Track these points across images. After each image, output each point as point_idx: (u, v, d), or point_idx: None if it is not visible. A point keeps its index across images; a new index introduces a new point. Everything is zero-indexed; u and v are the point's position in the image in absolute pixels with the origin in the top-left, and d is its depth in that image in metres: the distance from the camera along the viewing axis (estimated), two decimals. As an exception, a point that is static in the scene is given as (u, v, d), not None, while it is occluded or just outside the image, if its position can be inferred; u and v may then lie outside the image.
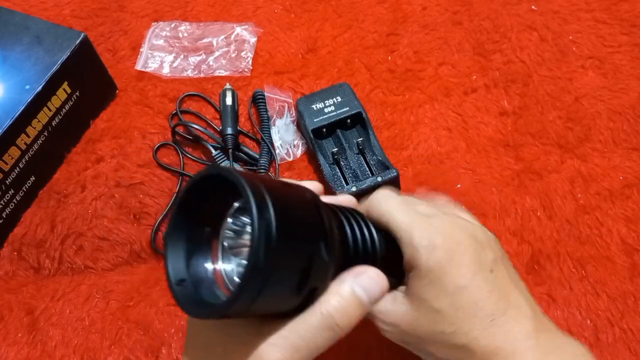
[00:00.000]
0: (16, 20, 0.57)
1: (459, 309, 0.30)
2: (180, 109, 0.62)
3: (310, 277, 0.25)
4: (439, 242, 0.31)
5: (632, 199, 0.56)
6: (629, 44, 0.66)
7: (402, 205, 0.33)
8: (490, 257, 0.32)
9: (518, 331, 0.30)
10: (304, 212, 0.26)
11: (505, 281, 0.32)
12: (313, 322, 0.27)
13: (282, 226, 0.23)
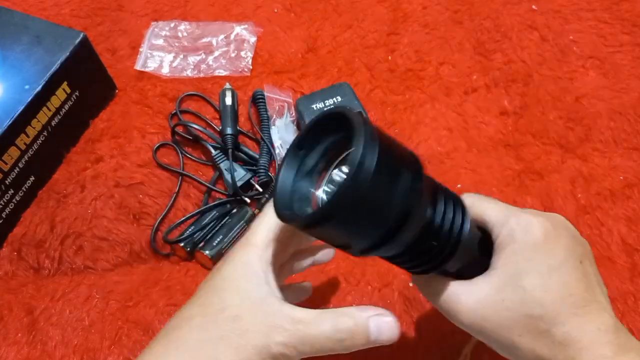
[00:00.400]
0: (16, 20, 0.57)
1: (549, 291, 0.30)
2: (180, 109, 0.62)
3: (393, 220, 0.27)
4: (537, 223, 0.31)
5: (632, 198, 0.56)
6: (630, 43, 0.66)
7: (496, 203, 0.34)
8: (580, 250, 0.33)
9: (600, 323, 0.30)
10: (405, 161, 0.27)
11: (591, 276, 0.32)
12: (324, 327, 0.30)
13: (383, 159, 0.25)
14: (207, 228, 0.52)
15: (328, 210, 0.25)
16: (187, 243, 0.52)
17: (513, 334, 0.31)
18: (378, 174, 0.25)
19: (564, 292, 0.30)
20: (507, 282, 0.31)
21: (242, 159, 0.58)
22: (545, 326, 0.30)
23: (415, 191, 0.27)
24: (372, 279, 0.52)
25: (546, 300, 0.30)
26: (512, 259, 0.31)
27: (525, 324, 0.30)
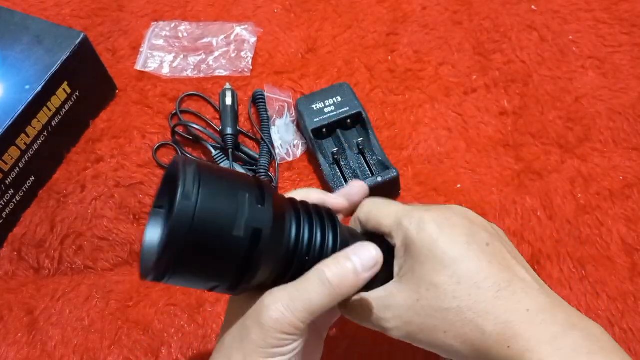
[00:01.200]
0: (16, 20, 0.57)
1: (459, 281, 0.29)
2: (180, 109, 0.62)
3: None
4: (428, 218, 0.31)
5: (632, 198, 0.56)
6: (629, 43, 0.66)
7: (388, 207, 0.34)
8: (484, 234, 0.31)
9: (529, 303, 0.28)
10: (240, 190, 0.28)
11: (504, 255, 0.31)
12: (312, 280, 0.29)
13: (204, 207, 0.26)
14: (207, 228, 0.52)
15: (161, 263, 0.26)
16: (187, 243, 0.52)
17: (438, 332, 0.30)
18: (201, 216, 0.26)
19: (477, 277, 0.29)
20: (417, 285, 0.31)
21: (242, 159, 0.58)
22: (468, 317, 0.29)
23: (259, 216, 0.28)
24: (372, 279, 0.52)
25: (459, 290, 0.29)
26: (415, 260, 0.31)
27: (446, 319, 0.30)
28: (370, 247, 0.30)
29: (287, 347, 0.29)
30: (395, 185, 0.55)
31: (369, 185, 0.53)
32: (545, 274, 0.52)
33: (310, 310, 0.29)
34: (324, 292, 0.29)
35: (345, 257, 0.30)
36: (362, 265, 0.29)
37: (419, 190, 0.57)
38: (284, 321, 0.29)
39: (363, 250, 0.30)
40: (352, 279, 0.29)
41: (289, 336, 0.29)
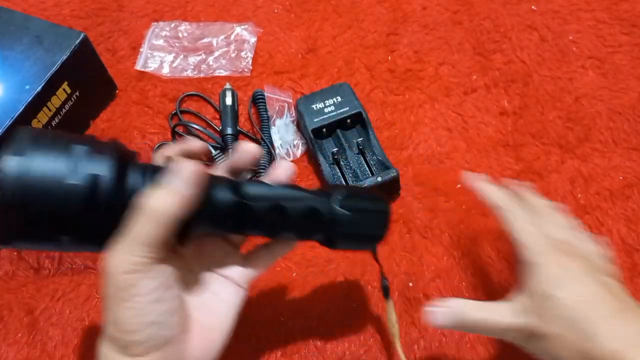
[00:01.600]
0: (16, 20, 0.57)
1: (581, 298, 0.34)
2: (180, 109, 0.62)
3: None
4: (563, 275, 0.36)
5: (632, 199, 0.56)
6: (629, 43, 0.66)
7: (525, 228, 0.39)
8: (604, 278, 0.36)
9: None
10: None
11: (622, 294, 0.36)
12: (135, 216, 0.30)
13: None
14: (207, 228, 0.53)
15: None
16: (187, 243, 0.52)
17: (555, 340, 0.34)
18: (30, 168, 0.27)
19: (596, 298, 0.34)
20: (541, 295, 0.35)
21: (242, 159, 0.58)
22: (583, 327, 0.32)
23: (97, 164, 0.29)
24: (372, 279, 0.52)
25: (579, 305, 0.34)
26: (542, 279, 0.36)
27: (563, 325, 0.33)
28: (185, 163, 0.31)
29: (138, 288, 0.30)
30: (395, 185, 0.55)
31: (369, 186, 0.53)
32: (545, 274, 0.52)
33: (140, 242, 0.29)
34: (145, 220, 0.29)
35: (163, 182, 0.31)
36: (179, 182, 0.30)
37: (419, 190, 0.57)
38: (121, 261, 0.29)
39: (178, 168, 0.31)
40: (171, 197, 0.30)
41: (132, 275, 0.29)
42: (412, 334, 0.49)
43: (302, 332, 0.49)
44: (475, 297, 0.51)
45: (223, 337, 0.35)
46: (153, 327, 0.30)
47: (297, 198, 0.36)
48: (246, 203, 0.34)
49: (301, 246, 0.54)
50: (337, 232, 0.38)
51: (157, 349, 0.31)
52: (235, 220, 0.35)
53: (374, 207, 0.39)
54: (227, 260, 0.38)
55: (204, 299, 0.36)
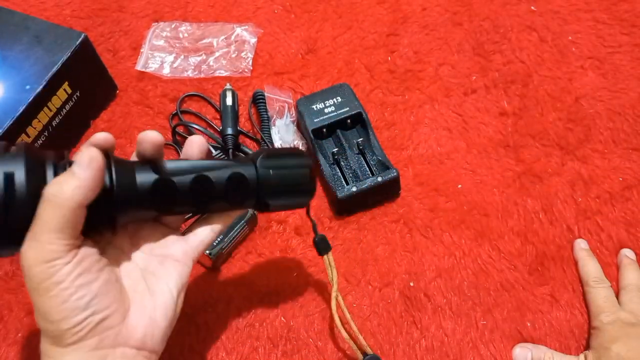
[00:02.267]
0: (16, 20, 0.57)
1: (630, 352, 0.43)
2: (181, 109, 0.62)
3: None
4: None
5: (632, 200, 0.56)
6: (629, 44, 0.66)
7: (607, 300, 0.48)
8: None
9: None
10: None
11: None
12: (40, 203, 0.31)
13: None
14: (207, 228, 0.52)
15: None
16: (187, 243, 0.52)
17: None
18: None
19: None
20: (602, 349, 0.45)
21: (243, 159, 0.58)
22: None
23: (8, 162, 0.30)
24: (373, 279, 0.52)
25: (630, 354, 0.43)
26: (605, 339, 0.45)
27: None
28: (84, 150, 0.32)
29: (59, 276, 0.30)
30: (396, 185, 0.55)
31: (369, 186, 0.53)
32: (549, 275, 0.52)
33: (49, 229, 0.30)
34: (50, 206, 0.30)
35: (66, 171, 0.32)
36: (78, 167, 0.31)
37: (419, 191, 0.57)
38: (36, 252, 0.30)
39: (78, 156, 0.31)
40: (71, 182, 0.31)
41: (50, 264, 0.30)
42: (413, 334, 0.49)
43: (303, 331, 0.49)
44: (475, 297, 0.51)
45: (167, 316, 0.36)
46: (81, 313, 0.31)
47: (219, 167, 0.37)
48: (169, 179, 0.35)
49: (301, 246, 0.54)
50: (265, 194, 0.38)
51: (92, 335, 0.31)
52: (162, 199, 0.35)
53: (295, 163, 0.40)
54: (165, 241, 0.38)
55: (144, 282, 0.36)
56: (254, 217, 0.54)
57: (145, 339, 0.34)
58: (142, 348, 0.34)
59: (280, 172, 0.39)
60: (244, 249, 0.54)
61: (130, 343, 0.33)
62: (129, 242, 0.37)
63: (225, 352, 0.48)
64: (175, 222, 0.40)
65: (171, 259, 0.37)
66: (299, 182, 0.40)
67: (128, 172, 0.34)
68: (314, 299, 0.51)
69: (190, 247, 0.38)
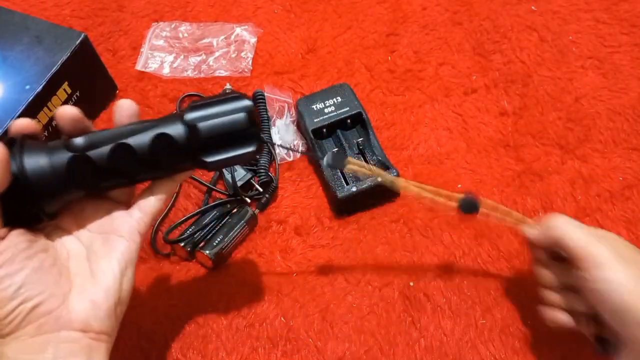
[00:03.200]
0: (16, 20, 0.57)
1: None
2: (181, 109, 0.62)
3: None
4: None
5: (632, 200, 0.56)
6: (629, 44, 0.66)
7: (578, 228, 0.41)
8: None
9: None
10: None
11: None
12: None
13: None
14: (207, 228, 0.53)
15: None
16: (187, 243, 0.52)
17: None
18: None
19: None
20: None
21: (243, 159, 0.58)
22: None
23: None
24: (373, 279, 0.52)
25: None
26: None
27: None
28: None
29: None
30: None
31: (369, 186, 0.53)
32: (546, 274, 0.52)
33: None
34: None
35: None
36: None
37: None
38: None
39: None
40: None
41: None
42: (412, 334, 0.49)
43: (303, 331, 0.49)
44: (475, 296, 0.51)
45: (110, 296, 0.35)
46: (9, 303, 0.31)
47: (140, 130, 0.34)
48: (83, 155, 0.33)
49: (301, 246, 0.54)
50: (198, 150, 0.34)
51: (27, 322, 0.31)
52: (81, 177, 0.33)
53: (229, 109, 0.35)
54: (111, 217, 0.37)
55: (87, 263, 0.35)
56: (254, 217, 0.54)
57: (88, 321, 0.33)
58: (87, 330, 0.33)
59: (210, 123, 0.34)
60: (244, 249, 0.54)
61: (74, 326, 0.33)
62: (74, 222, 0.37)
63: (225, 352, 0.48)
64: (122, 196, 0.38)
65: (115, 235, 0.36)
66: (236, 129, 0.35)
67: (40, 156, 0.32)
68: (314, 299, 0.51)
69: (136, 220, 0.37)
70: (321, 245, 0.54)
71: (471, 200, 0.43)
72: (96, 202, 0.37)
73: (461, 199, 0.43)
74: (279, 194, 0.57)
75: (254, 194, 0.55)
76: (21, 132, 0.34)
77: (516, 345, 0.49)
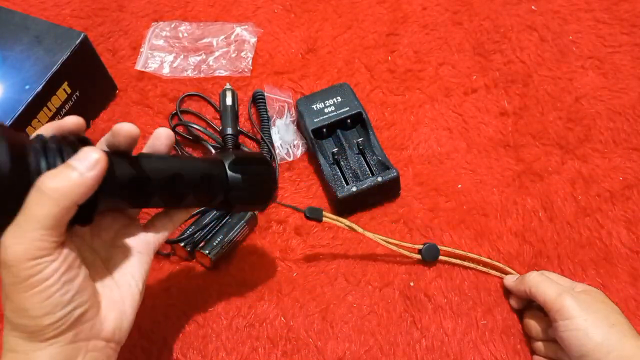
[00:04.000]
0: (16, 20, 0.57)
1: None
2: (180, 109, 0.62)
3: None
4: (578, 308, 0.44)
5: (632, 199, 0.56)
6: (629, 43, 0.66)
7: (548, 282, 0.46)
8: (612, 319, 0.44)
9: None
10: None
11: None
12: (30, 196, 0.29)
13: None
14: (207, 228, 0.52)
15: None
16: (187, 243, 0.52)
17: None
18: None
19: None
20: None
21: (243, 159, 0.58)
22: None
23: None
24: (373, 279, 0.52)
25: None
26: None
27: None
28: (89, 150, 0.30)
29: (45, 274, 0.29)
30: (396, 185, 0.55)
31: (369, 185, 0.53)
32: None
33: (41, 224, 0.29)
34: (45, 201, 0.29)
35: (65, 165, 0.30)
36: (83, 166, 0.30)
37: (419, 191, 0.57)
38: (23, 247, 0.29)
39: (82, 154, 0.30)
40: (75, 179, 0.29)
41: (38, 261, 0.29)
42: (413, 334, 0.49)
43: (303, 331, 0.49)
44: (475, 297, 0.51)
45: (133, 306, 0.36)
46: (64, 308, 0.31)
47: (192, 166, 0.38)
48: (146, 176, 0.35)
49: (301, 246, 0.54)
50: (232, 196, 0.40)
51: (71, 328, 0.31)
52: (138, 194, 0.35)
53: (262, 170, 0.42)
54: (126, 231, 0.38)
55: (109, 273, 0.36)
56: (254, 217, 0.54)
57: (115, 330, 0.34)
58: (111, 340, 0.34)
59: (248, 178, 0.40)
60: (244, 249, 0.54)
61: (102, 335, 0.33)
62: (91, 232, 0.37)
63: (225, 352, 0.48)
64: (134, 211, 0.40)
65: (134, 250, 0.37)
66: (263, 189, 0.42)
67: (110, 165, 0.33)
68: (314, 299, 0.51)
69: (152, 238, 0.38)
70: (321, 245, 0.54)
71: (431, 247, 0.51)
72: (112, 215, 0.38)
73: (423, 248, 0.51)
74: (279, 194, 0.57)
75: (254, 194, 0.55)
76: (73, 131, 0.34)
77: (517, 346, 0.49)
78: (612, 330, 0.42)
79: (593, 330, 0.42)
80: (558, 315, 0.43)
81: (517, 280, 0.49)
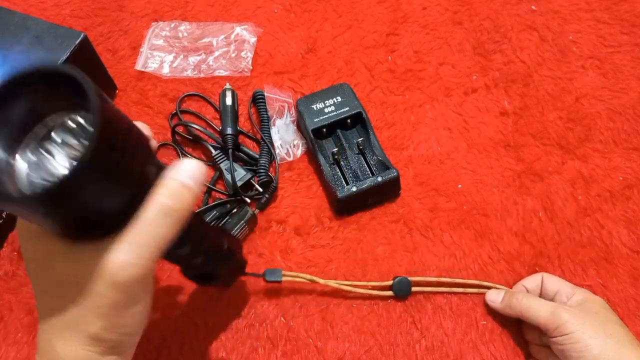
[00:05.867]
0: (16, 20, 0.56)
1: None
2: (180, 109, 0.62)
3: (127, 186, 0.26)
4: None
5: (632, 199, 0.56)
6: (629, 43, 0.66)
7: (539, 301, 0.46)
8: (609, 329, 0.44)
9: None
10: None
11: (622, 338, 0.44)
12: (150, 215, 0.27)
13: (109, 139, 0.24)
14: (207, 228, 0.52)
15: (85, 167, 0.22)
16: (187, 243, 0.52)
17: None
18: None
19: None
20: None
21: (242, 159, 0.58)
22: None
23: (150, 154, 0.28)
24: (373, 279, 0.52)
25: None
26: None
27: None
28: (186, 161, 0.29)
29: (147, 293, 0.29)
30: (396, 185, 0.55)
31: (369, 185, 0.53)
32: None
33: (162, 245, 0.27)
34: (167, 220, 0.27)
35: (168, 177, 0.28)
36: (188, 177, 0.28)
37: (419, 191, 0.57)
38: (135, 267, 0.27)
39: (181, 165, 0.29)
40: (187, 194, 0.28)
41: (145, 280, 0.28)
42: (413, 334, 0.49)
43: (303, 331, 0.49)
44: (475, 297, 0.51)
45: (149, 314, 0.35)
46: (140, 329, 0.31)
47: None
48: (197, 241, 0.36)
49: (301, 246, 0.53)
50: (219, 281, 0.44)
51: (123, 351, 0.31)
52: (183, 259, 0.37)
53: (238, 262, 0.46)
54: None
55: None
56: (254, 217, 0.54)
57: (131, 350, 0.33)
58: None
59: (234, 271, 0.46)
60: (244, 249, 0.54)
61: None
62: None
63: (225, 352, 0.48)
64: None
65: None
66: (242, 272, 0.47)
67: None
68: (314, 299, 0.51)
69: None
70: (321, 245, 0.54)
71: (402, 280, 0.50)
72: None
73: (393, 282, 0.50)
74: (279, 194, 0.57)
75: (254, 194, 0.55)
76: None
77: (517, 347, 0.49)
78: (609, 341, 0.42)
79: (591, 342, 0.42)
80: (556, 332, 0.44)
81: (503, 303, 0.48)
